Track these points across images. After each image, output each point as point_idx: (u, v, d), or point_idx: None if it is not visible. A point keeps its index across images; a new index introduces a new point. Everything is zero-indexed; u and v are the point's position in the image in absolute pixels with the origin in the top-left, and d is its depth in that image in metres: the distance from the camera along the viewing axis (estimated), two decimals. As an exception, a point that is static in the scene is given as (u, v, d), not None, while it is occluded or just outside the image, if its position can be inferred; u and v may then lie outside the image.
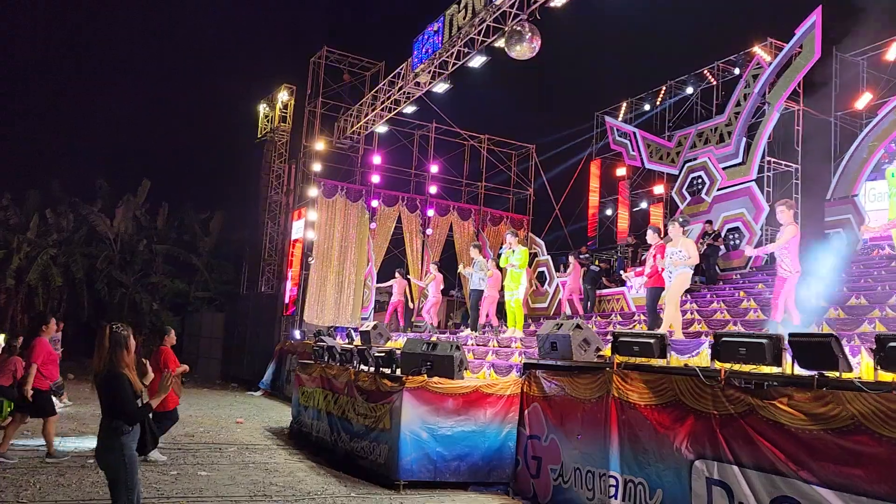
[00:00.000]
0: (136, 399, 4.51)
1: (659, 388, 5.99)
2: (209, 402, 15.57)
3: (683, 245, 9.12)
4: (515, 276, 11.92)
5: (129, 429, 4.46)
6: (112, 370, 4.47)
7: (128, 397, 4.45)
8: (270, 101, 23.63)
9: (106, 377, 4.49)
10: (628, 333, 6.61)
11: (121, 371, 4.48)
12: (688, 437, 5.59)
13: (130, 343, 4.62)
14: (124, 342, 4.56)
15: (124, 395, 4.44)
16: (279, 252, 22.21)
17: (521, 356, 9.61)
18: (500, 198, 22.69)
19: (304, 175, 20.42)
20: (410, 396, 7.56)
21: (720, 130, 18.44)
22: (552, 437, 7.27)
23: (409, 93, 16.12)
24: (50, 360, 8.35)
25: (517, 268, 11.83)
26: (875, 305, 10.11)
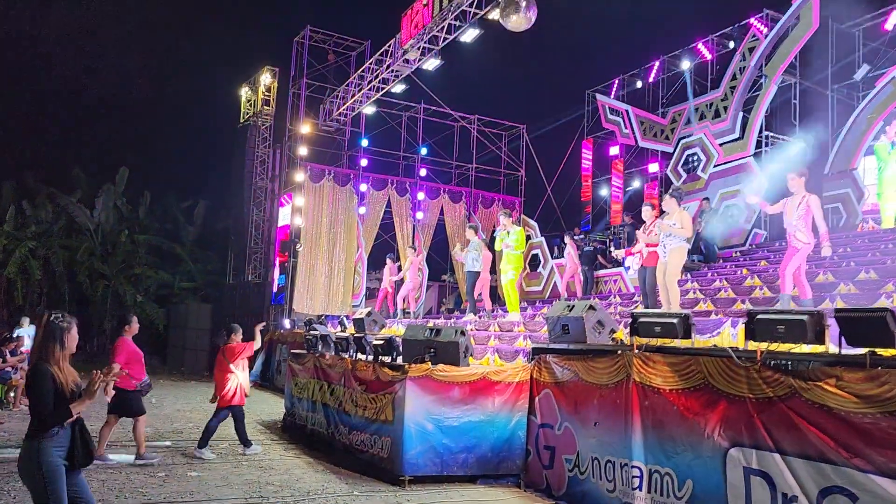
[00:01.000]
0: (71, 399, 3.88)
1: (685, 372, 5.57)
2: (198, 396, 15.04)
3: (678, 217, 8.72)
4: (511, 257, 11.38)
5: (49, 433, 3.82)
6: (37, 364, 3.90)
7: (43, 396, 3.83)
8: (253, 85, 22.93)
9: (30, 371, 3.97)
10: (648, 313, 6.18)
11: (45, 366, 3.88)
12: (721, 424, 5.17)
13: (69, 337, 4.01)
14: (59, 335, 3.96)
15: (40, 394, 3.83)
16: (266, 239, 21.63)
17: (525, 340, 9.19)
18: (491, 179, 22.23)
19: (289, 160, 19.83)
20: (414, 385, 7.10)
21: (716, 105, 18.05)
22: (566, 426, 6.84)
23: (397, 71, 15.55)
24: (135, 360, 8.10)
25: (513, 249, 11.30)
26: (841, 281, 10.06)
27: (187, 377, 20.03)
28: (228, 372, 8.63)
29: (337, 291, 19.08)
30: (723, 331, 6.82)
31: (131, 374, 7.85)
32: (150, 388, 8.40)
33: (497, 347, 8.99)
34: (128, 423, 8.26)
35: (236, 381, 8.68)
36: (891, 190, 12.65)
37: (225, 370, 8.64)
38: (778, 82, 16.61)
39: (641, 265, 9.62)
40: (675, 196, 8.87)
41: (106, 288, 24.32)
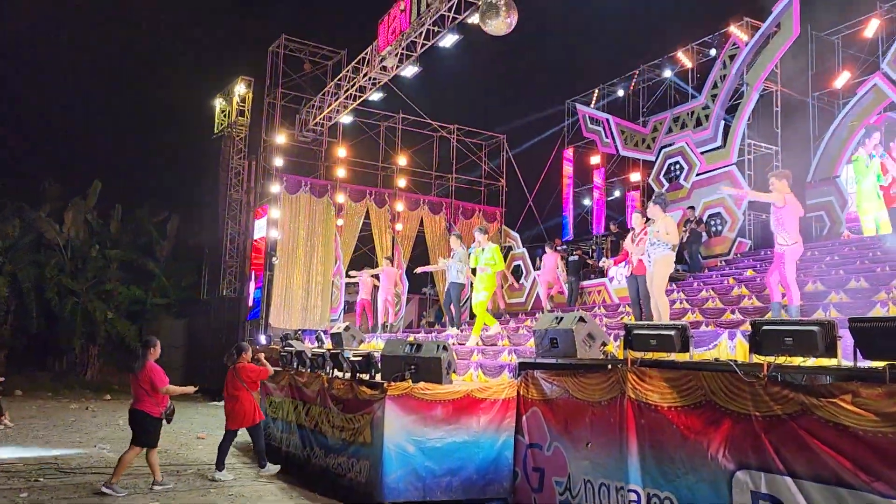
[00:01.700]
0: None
1: (684, 388, 5.20)
2: (169, 416, 14.43)
3: (663, 223, 8.41)
4: (485, 277, 10.45)
5: None
6: None
7: None
8: (227, 95, 22.44)
9: None
10: (642, 325, 5.81)
11: None
12: (725, 444, 4.81)
13: None
14: None
15: None
16: (241, 253, 21.07)
17: (510, 354, 8.78)
18: (471, 190, 21.87)
19: (265, 171, 19.33)
20: (394, 405, 6.66)
21: (697, 114, 17.89)
22: (556, 446, 6.44)
23: (375, 79, 15.18)
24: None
25: (489, 269, 10.38)
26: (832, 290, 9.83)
27: (160, 396, 19.32)
28: (244, 391, 8.22)
29: (314, 305, 18.56)
30: (720, 343, 6.49)
31: (157, 400, 7.43)
32: (174, 415, 7.93)
33: (480, 363, 8.57)
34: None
35: (251, 402, 8.35)
36: (868, 202, 12.51)
37: (240, 389, 8.22)
38: (760, 90, 16.48)
39: (631, 274, 9.26)
40: (659, 203, 8.57)
41: (75, 305, 23.53)
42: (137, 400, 7.38)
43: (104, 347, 23.28)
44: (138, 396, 7.37)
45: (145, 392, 7.32)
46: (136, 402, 7.39)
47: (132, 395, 7.48)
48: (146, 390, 7.32)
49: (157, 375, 7.43)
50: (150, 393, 7.32)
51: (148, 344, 7.59)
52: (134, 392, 7.46)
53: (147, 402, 7.32)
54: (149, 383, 7.33)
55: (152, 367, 7.44)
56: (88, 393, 19.34)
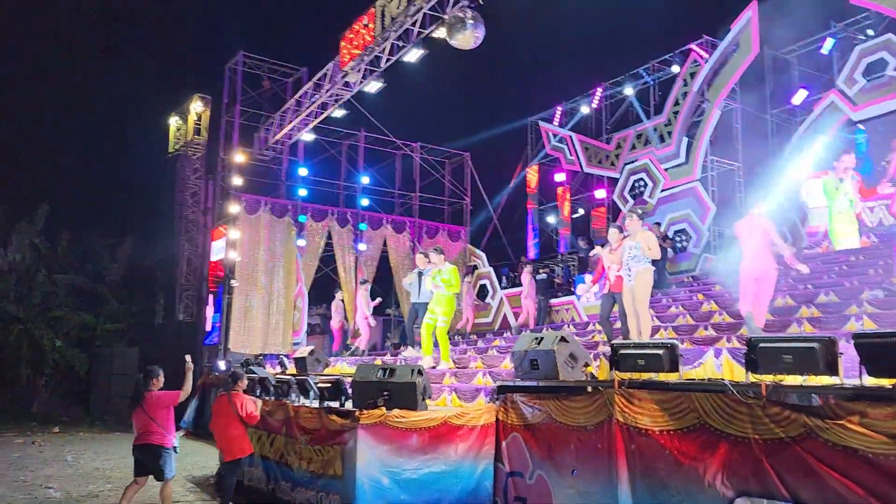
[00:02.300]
0: None
1: (676, 410, 4.95)
2: (121, 449, 13.61)
3: (644, 238, 8.25)
4: (443, 300, 9.74)
5: None
6: None
7: None
8: (183, 113, 21.81)
9: None
10: (630, 344, 5.55)
11: None
12: (723, 470, 4.55)
13: None
14: None
15: None
16: (198, 276, 20.35)
17: (485, 377, 8.46)
18: (435, 209, 21.60)
19: (222, 191, 18.74)
20: (367, 435, 6.26)
21: (660, 130, 17.99)
22: (539, 474, 6.12)
23: (337, 95, 14.83)
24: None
25: (445, 290, 9.70)
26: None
27: (112, 428, 18.43)
28: (237, 420, 7.65)
29: (276, 329, 17.96)
30: (705, 361, 6.27)
31: (167, 430, 6.95)
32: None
33: (454, 386, 8.22)
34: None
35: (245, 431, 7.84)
36: (841, 224, 12.60)
37: (234, 418, 7.62)
38: (721, 107, 16.65)
39: (609, 291, 9.04)
40: (638, 215, 8.40)
41: (21, 332, 22.41)
42: (146, 434, 6.89)
43: (52, 377, 22.18)
44: (147, 430, 6.88)
45: (155, 423, 6.86)
46: (145, 436, 6.89)
47: (136, 431, 6.97)
48: (156, 421, 6.87)
49: (166, 398, 7.04)
50: (160, 423, 6.89)
51: (151, 374, 7.13)
52: (140, 426, 6.93)
53: (157, 434, 6.87)
54: (162, 409, 6.93)
55: (159, 395, 7.01)
56: (35, 426, 18.31)
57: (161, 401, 6.96)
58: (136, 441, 6.95)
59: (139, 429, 6.93)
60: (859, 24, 15.94)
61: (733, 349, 6.30)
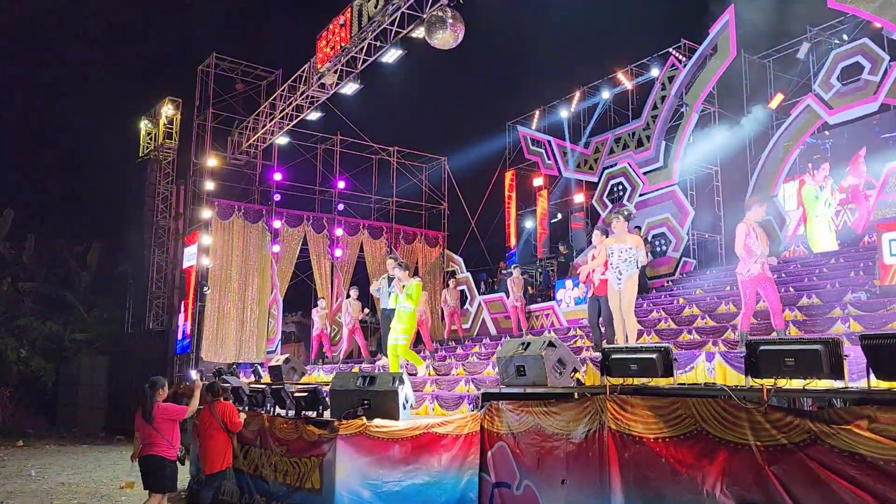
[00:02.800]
0: None
1: (672, 417, 4.74)
2: (88, 463, 13.19)
3: (633, 242, 8.09)
4: (405, 317, 9.20)
5: None
6: None
7: None
8: (153, 117, 21.31)
9: None
10: (621, 349, 5.34)
11: None
12: (722, 478, 4.34)
13: None
14: None
15: None
16: (169, 283, 19.85)
17: (468, 384, 8.21)
18: (412, 214, 21.33)
19: (194, 196, 18.29)
20: (346, 446, 5.97)
21: (638, 134, 17.95)
22: (526, 484, 5.88)
23: (312, 97, 14.55)
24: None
25: (410, 307, 9.21)
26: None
27: (79, 441, 17.86)
28: (221, 431, 7.39)
29: (250, 337, 17.53)
30: (697, 365, 6.09)
31: (172, 442, 6.66)
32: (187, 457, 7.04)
33: (436, 394, 7.96)
34: None
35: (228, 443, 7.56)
36: (819, 229, 12.64)
37: (218, 429, 7.36)
38: (699, 111, 16.64)
39: (593, 295, 8.85)
40: (625, 217, 8.23)
41: (-15, 342, 21.69)
42: (151, 445, 6.57)
43: (17, 389, 21.45)
44: (152, 441, 6.56)
45: (160, 436, 6.56)
46: (150, 447, 6.57)
47: (141, 442, 6.63)
48: (161, 433, 6.57)
49: (173, 411, 6.76)
50: (164, 436, 6.59)
51: (156, 384, 6.80)
52: (144, 437, 6.61)
53: (163, 446, 6.56)
54: (167, 421, 6.63)
55: (165, 407, 6.72)
56: (-2, 439, 17.68)
57: (167, 413, 6.70)
58: (142, 452, 6.63)
59: (143, 440, 6.62)
60: (835, 29, 16.02)
61: (726, 353, 6.13)
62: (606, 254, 8.34)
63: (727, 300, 11.59)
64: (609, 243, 8.45)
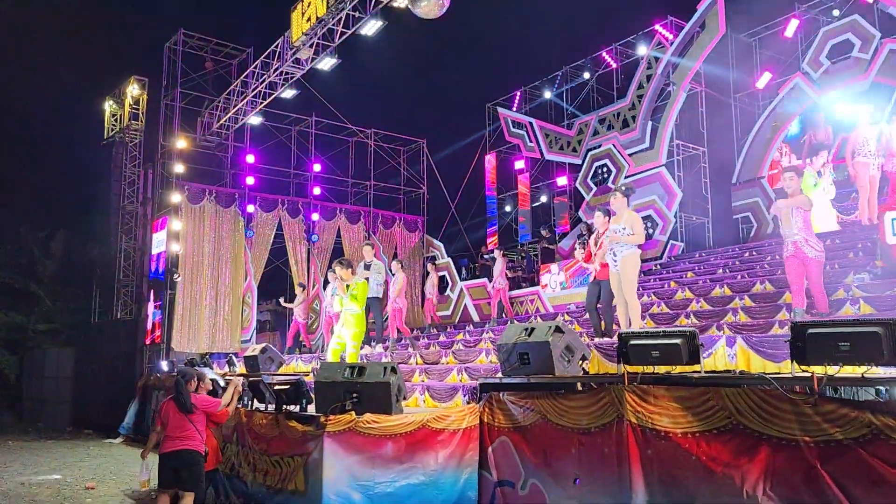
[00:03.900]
0: None
1: (702, 409, 4.26)
2: (53, 460, 12.43)
3: (628, 220, 7.61)
4: (351, 321, 8.36)
5: None
6: None
7: None
8: (118, 97, 20.33)
9: None
10: (640, 334, 4.84)
11: None
12: (765, 478, 3.87)
13: None
14: None
15: None
16: (137, 271, 19.01)
17: (460, 374, 7.68)
18: (391, 198, 20.70)
19: (163, 179, 17.44)
20: (334, 444, 5.41)
21: (623, 115, 17.51)
22: (533, 483, 5.38)
23: (287, 74, 13.81)
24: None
25: (356, 310, 8.39)
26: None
27: (44, 436, 17.02)
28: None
29: (224, 326, 16.82)
30: (716, 351, 5.61)
31: (203, 437, 6.15)
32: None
33: (427, 384, 7.42)
34: None
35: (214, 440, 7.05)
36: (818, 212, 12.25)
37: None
38: (686, 90, 16.23)
39: (594, 279, 8.37)
40: (625, 194, 7.74)
41: (-57, 335, 20.70)
42: (183, 439, 5.94)
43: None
44: (186, 435, 5.95)
45: (195, 429, 5.98)
46: (183, 441, 5.94)
47: (171, 435, 5.97)
48: (195, 426, 5.99)
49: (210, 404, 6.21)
50: (199, 429, 6.02)
51: (186, 376, 6.22)
52: (175, 431, 5.96)
53: (197, 441, 5.99)
54: (202, 415, 6.08)
55: (203, 398, 6.21)
56: (-42, 436, 16.78)
57: (206, 404, 6.16)
58: (170, 447, 5.94)
59: (174, 433, 5.95)
60: (824, 6, 15.70)
61: (749, 337, 5.67)
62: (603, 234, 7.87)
63: (721, 283, 11.24)
64: (605, 223, 7.98)
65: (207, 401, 6.23)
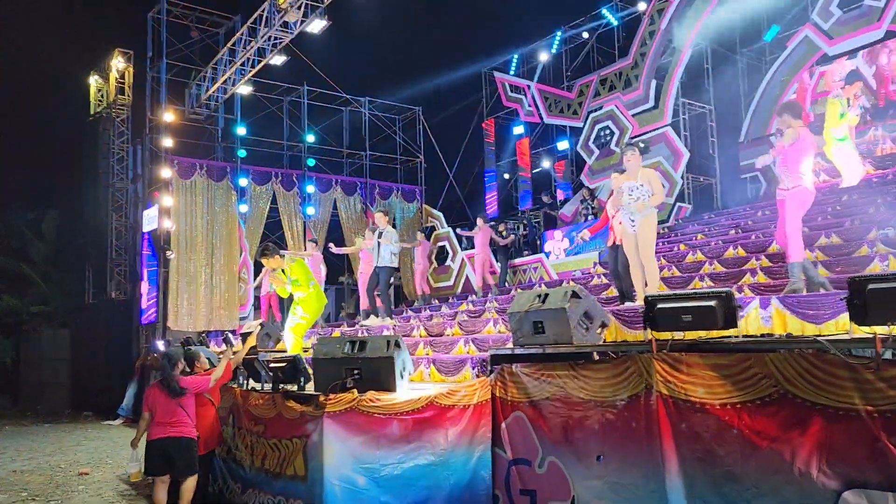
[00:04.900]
0: None
1: (743, 377, 3.82)
2: (48, 445, 12.10)
3: (644, 177, 7.15)
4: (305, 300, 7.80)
5: None
6: None
7: None
8: (103, 71, 19.69)
9: None
10: (669, 296, 4.38)
11: None
12: (820, 453, 3.45)
13: None
14: None
15: None
16: (130, 249, 18.55)
17: (467, 345, 7.26)
18: (387, 168, 20.15)
19: (152, 154, 16.88)
20: (335, 424, 4.99)
21: (626, 74, 16.88)
22: (551, 461, 4.97)
23: (275, 39, 13.20)
24: None
25: (303, 294, 7.77)
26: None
27: (42, 419, 16.73)
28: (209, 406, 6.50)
29: (220, 303, 16.40)
30: (747, 314, 5.17)
31: (194, 420, 5.88)
32: None
33: (432, 357, 7.00)
34: None
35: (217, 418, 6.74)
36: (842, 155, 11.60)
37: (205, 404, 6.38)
38: (692, 45, 15.61)
39: (613, 244, 7.92)
40: (639, 149, 7.26)
41: (-65, 320, 20.31)
42: (174, 425, 5.66)
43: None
44: (177, 420, 5.66)
45: (186, 413, 5.71)
46: (174, 427, 5.66)
47: (160, 422, 5.66)
48: (186, 410, 5.72)
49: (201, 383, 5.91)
50: (189, 413, 5.74)
51: (173, 358, 5.91)
52: (165, 416, 5.66)
53: (188, 426, 5.75)
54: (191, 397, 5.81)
55: (191, 380, 5.88)
56: (-47, 421, 16.47)
57: (195, 385, 5.85)
58: (160, 434, 5.63)
59: (163, 419, 5.64)
60: (835, -48, 14.99)
61: (785, 297, 5.22)
62: (616, 193, 7.41)
63: (734, 244, 10.80)
64: (619, 182, 7.49)
65: (196, 380, 5.84)
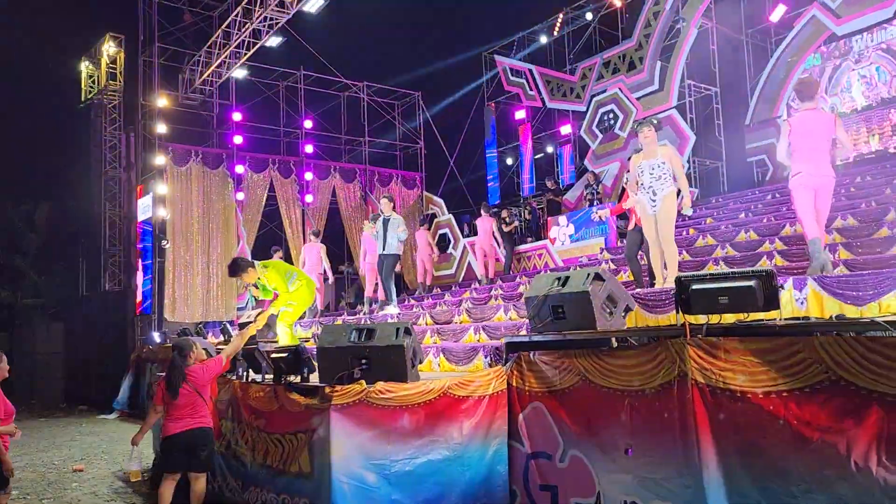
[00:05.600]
0: None
1: (790, 363, 3.51)
2: (42, 440, 11.78)
3: (665, 155, 6.88)
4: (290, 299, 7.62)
5: None
6: None
7: None
8: (94, 57, 19.25)
9: None
10: (704, 277, 4.07)
11: None
12: (878, 445, 3.15)
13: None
14: None
15: None
16: (124, 239, 18.18)
17: (478, 332, 6.95)
18: (387, 154, 19.79)
19: (145, 141, 16.48)
20: (342, 418, 4.67)
21: (629, 56, 16.53)
22: (574, 455, 4.66)
23: (271, 19, 12.81)
24: None
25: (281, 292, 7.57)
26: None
27: (37, 413, 16.39)
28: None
29: (218, 293, 16.08)
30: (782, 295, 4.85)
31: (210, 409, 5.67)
32: None
33: (442, 346, 6.69)
34: None
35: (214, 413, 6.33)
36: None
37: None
38: (697, 26, 15.25)
39: (635, 226, 7.62)
40: (655, 125, 6.96)
41: (-73, 314, 19.95)
42: (194, 416, 5.35)
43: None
44: (196, 412, 5.36)
45: (204, 403, 5.44)
46: (194, 419, 5.35)
47: (181, 415, 5.34)
48: (204, 399, 5.43)
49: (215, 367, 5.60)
50: (207, 402, 5.49)
51: (185, 347, 5.54)
52: (184, 408, 5.34)
53: (207, 416, 5.47)
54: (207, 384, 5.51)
55: (205, 367, 5.53)
56: (-55, 417, 16.12)
57: (210, 371, 5.54)
58: (181, 427, 5.30)
59: (182, 409, 5.32)
60: (844, -72, 14.62)
61: (823, 277, 4.91)
62: (636, 174, 7.09)
63: (746, 227, 10.54)
64: (637, 161, 7.19)
65: (209, 364, 5.55)
